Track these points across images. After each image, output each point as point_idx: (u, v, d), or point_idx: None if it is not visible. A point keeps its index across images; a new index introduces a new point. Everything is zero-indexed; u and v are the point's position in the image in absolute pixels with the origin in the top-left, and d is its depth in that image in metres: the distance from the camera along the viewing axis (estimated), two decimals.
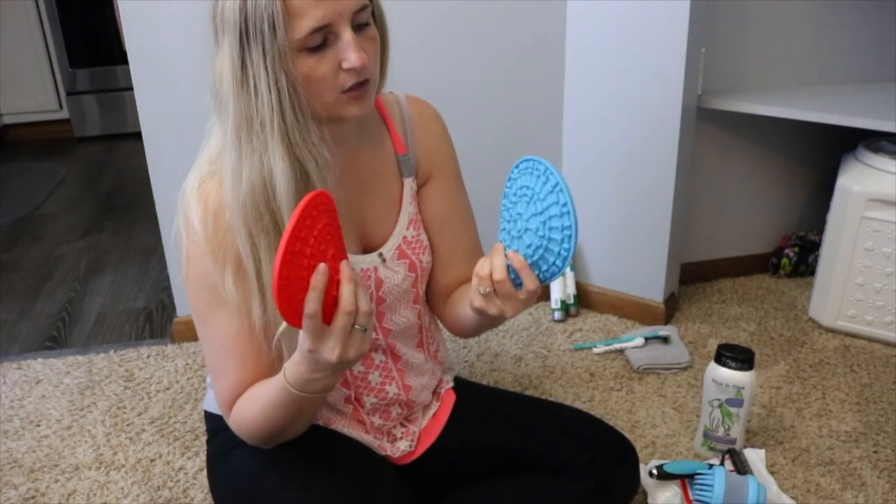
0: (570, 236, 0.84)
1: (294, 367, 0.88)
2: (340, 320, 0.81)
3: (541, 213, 0.85)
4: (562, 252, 0.85)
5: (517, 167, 0.89)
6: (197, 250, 0.93)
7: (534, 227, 0.86)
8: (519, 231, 0.88)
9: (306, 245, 0.79)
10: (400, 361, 1.12)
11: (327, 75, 0.87)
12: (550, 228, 0.85)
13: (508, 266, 0.89)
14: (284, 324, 0.86)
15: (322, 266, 0.80)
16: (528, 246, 0.87)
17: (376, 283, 1.05)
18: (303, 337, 0.83)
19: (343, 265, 0.83)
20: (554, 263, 0.87)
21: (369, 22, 0.91)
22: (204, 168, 0.95)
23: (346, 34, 0.86)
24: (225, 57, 0.86)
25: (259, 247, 0.90)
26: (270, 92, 0.85)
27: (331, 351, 0.82)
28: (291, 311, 0.80)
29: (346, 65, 0.87)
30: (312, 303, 0.79)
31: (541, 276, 0.89)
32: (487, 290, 0.90)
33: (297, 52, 0.86)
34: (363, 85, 0.90)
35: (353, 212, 1.03)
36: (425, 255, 1.11)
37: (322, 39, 0.86)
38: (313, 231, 0.80)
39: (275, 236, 0.90)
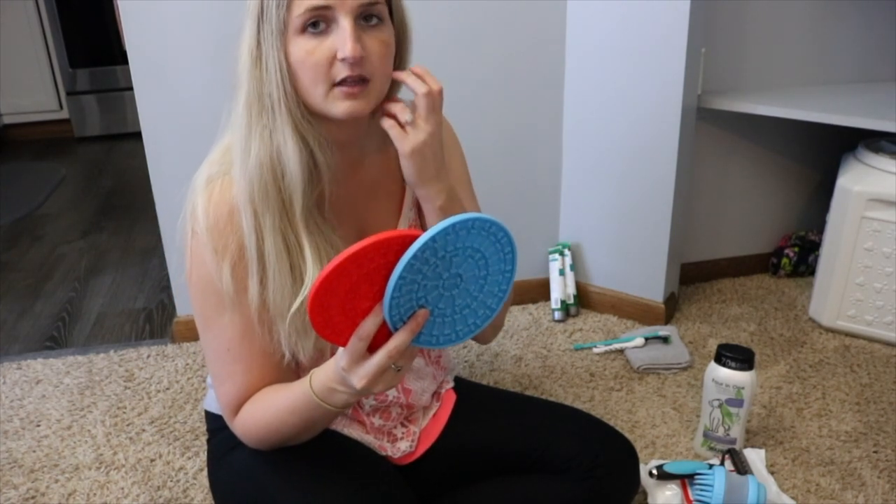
0: (501, 298, 0.84)
1: (322, 372, 0.88)
2: (381, 358, 0.81)
3: (484, 277, 0.83)
4: (486, 312, 0.85)
5: (460, 225, 0.76)
6: (199, 245, 0.93)
7: (472, 287, 0.83)
8: (449, 289, 0.81)
9: (360, 269, 0.77)
10: None
11: (321, 62, 0.87)
12: (487, 292, 0.84)
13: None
14: (297, 303, 0.88)
15: None
16: (457, 305, 0.83)
17: None
18: (342, 353, 0.83)
19: (420, 313, 0.81)
20: (473, 323, 0.86)
21: (381, 20, 0.90)
22: (215, 161, 0.95)
23: (346, 23, 0.86)
24: (245, 38, 0.88)
25: (264, 225, 0.90)
26: (278, 69, 0.87)
27: (359, 379, 0.82)
28: (322, 323, 0.79)
29: (339, 54, 0.86)
30: (369, 325, 0.79)
31: (441, 338, 0.85)
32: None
33: (300, 32, 0.86)
34: (359, 83, 0.88)
35: (355, 216, 1.03)
36: None
37: (321, 22, 0.86)
38: (373, 262, 0.77)
39: (280, 214, 0.90)
